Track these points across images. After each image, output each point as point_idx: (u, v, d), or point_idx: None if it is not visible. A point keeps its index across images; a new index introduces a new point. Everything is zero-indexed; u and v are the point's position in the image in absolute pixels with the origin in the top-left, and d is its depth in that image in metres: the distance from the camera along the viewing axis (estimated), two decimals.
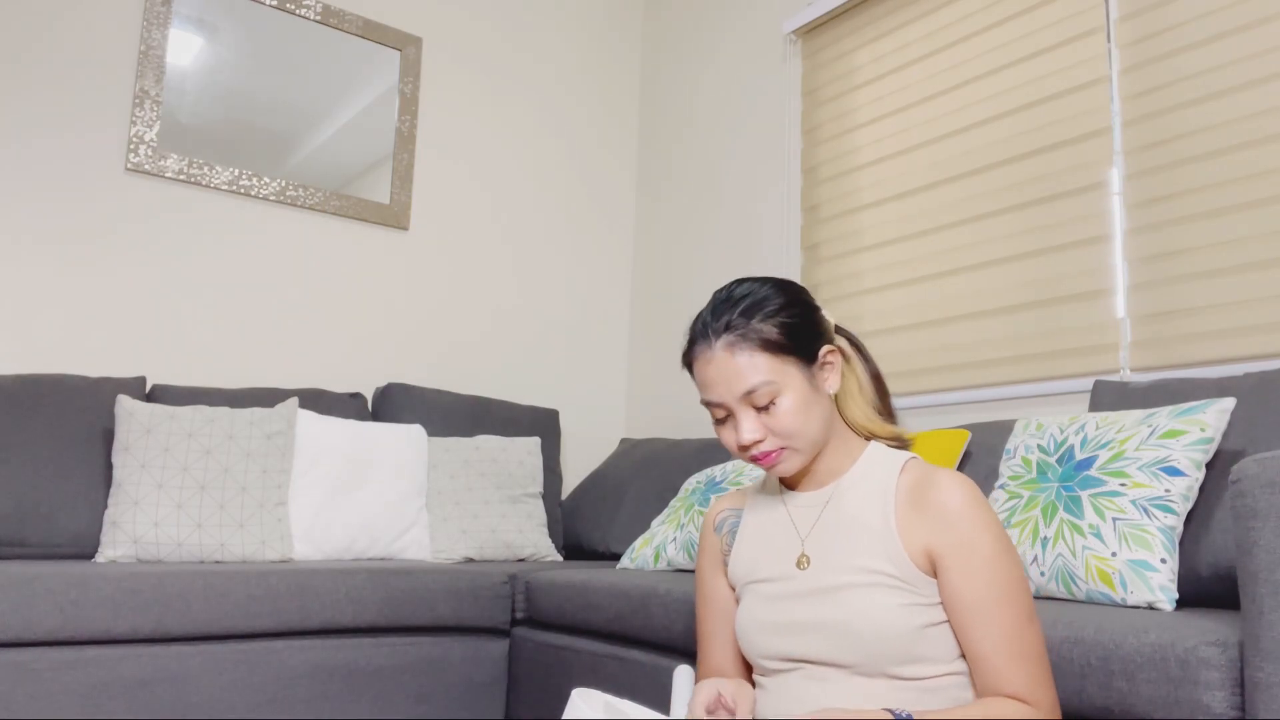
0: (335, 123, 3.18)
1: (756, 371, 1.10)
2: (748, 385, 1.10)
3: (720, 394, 1.12)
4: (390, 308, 3.24)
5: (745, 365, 1.10)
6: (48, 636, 1.80)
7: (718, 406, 1.13)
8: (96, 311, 2.72)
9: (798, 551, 1.17)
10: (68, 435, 2.40)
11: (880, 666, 1.07)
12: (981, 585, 1.05)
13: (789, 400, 1.10)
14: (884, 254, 2.79)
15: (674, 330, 3.57)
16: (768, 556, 1.20)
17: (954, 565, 1.07)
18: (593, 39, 3.85)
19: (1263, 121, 2.03)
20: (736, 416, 1.12)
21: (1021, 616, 1.06)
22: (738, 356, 1.10)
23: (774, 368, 1.10)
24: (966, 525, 1.07)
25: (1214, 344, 2.06)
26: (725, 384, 1.11)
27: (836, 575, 1.11)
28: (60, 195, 2.70)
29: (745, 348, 1.10)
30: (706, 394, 1.14)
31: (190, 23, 2.94)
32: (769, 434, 1.11)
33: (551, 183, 3.67)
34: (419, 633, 2.21)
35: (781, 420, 1.10)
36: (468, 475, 2.84)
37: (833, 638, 1.09)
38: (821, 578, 1.12)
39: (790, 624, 1.13)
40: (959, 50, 2.67)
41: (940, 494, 1.09)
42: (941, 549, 1.08)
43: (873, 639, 1.06)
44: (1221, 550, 1.56)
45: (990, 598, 1.05)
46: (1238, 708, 1.12)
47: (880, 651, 1.06)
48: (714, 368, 1.11)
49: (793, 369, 1.11)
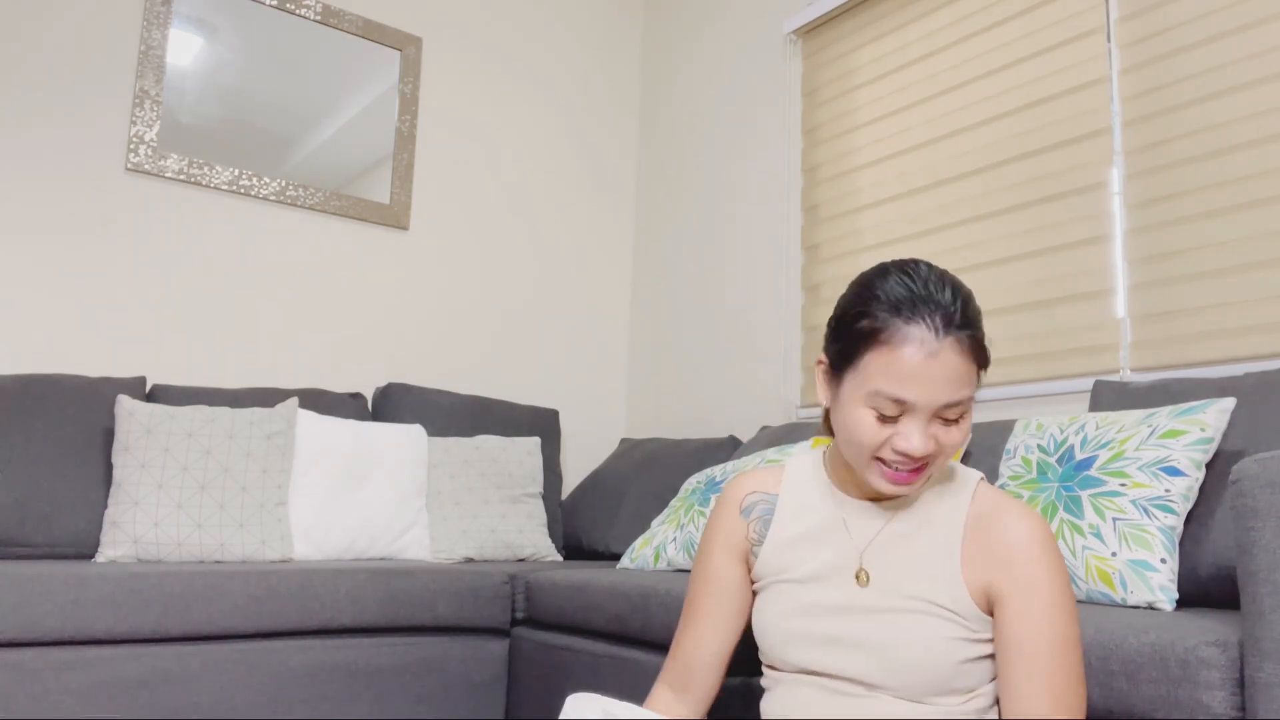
0: (335, 123, 3.18)
1: (969, 384, 0.98)
2: (959, 396, 0.97)
3: (926, 394, 0.96)
4: (390, 308, 3.24)
5: (966, 374, 0.98)
6: (48, 636, 1.80)
7: (902, 404, 0.98)
8: (96, 311, 2.72)
9: (855, 565, 1.09)
10: (68, 435, 2.40)
11: (911, 693, 1.03)
12: (1037, 631, 1.00)
13: (968, 419, 1.00)
14: (884, 254, 2.79)
15: (674, 330, 3.57)
16: (814, 560, 1.11)
17: (1012, 606, 1.01)
18: (593, 39, 3.85)
19: (1263, 121, 2.03)
20: (913, 422, 0.99)
21: (1073, 671, 1.01)
22: (962, 362, 0.97)
23: (973, 383, 1.00)
24: (1031, 567, 1.02)
25: (1214, 344, 2.06)
26: (936, 386, 0.96)
27: (892, 598, 1.06)
28: (60, 195, 2.70)
29: (968, 354, 0.98)
30: (898, 388, 0.97)
31: (190, 23, 2.94)
32: (938, 449, 1.00)
33: (551, 182, 3.67)
34: (419, 633, 2.21)
35: (955, 437, 0.99)
36: (468, 475, 2.84)
37: (872, 659, 1.04)
38: (878, 599, 1.06)
39: (830, 638, 1.07)
40: (959, 50, 2.67)
41: (1008, 532, 1.03)
42: (1002, 588, 1.02)
43: (916, 667, 1.02)
44: (1221, 550, 1.56)
45: (1044, 646, 1.00)
46: (1238, 708, 1.12)
47: (919, 680, 1.02)
48: (939, 365, 0.96)
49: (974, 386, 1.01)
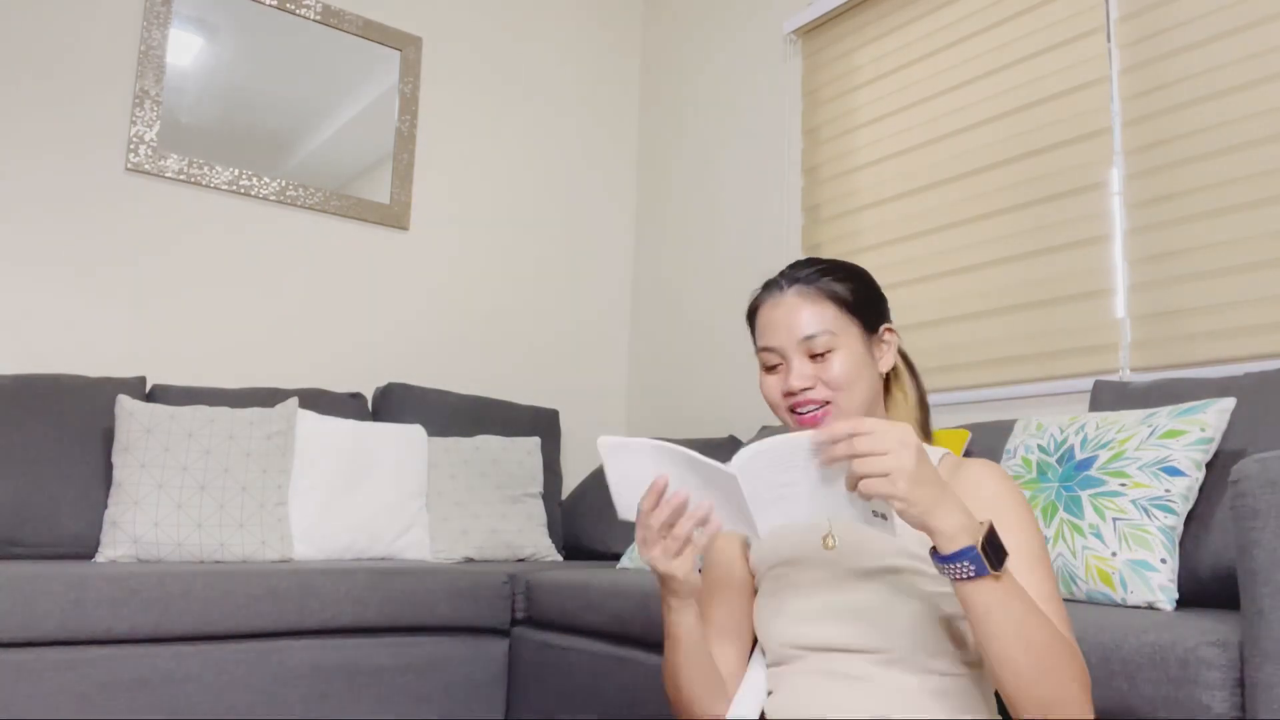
0: (335, 123, 3.18)
1: (822, 320, 1.13)
2: (810, 329, 1.13)
3: (780, 338, 1.15)
4: (390, 308, 3.24)
5: (813, 311, 1.14)
6: (48, 636, 1.80)
7: (772, 352, 1.16)
8: (96, 311, 2.72)
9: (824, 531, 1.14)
10: (68, 435, 2.40)
11: (907, 657, 1.04)
12: (1012, 545, 1.02)
13: (844, 355, 1.13)
14: (885, 254, 2.79)
15: (674, 330, 3.57)
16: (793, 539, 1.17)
17: None
18: (593, 39, 3.85)
19: (1263, 121, 2.03)
20: (789, 363, 1.14)
21: (1054, 581, 1.04)
22: (806, 302, 1.14)
23: (838, 322, 1.14)
24: (992, 491, 1.07)
25: (1214, 344, 2.06)
26: (788, 328, 1.14)
27: (871, 559, 1.09)
28: (60, 195, 2.69)
29: (815, 296, 1.15)
30: (765, 339, 1.16)
31: (190, 23, 2.94)
32: (819, 383, 1.13)
33: (551, 182, 3.67)
34: (419, 633, 2.21)
35: (833, 371, 1.12)
36: (468, 475, 2.84)
37: (860, 625, 1.07)
38: (854, 560, 1.10)
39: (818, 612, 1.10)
40: (959, 50, 2.67)
41: (969, 471, 1.10)
42: None
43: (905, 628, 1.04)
44: (1221, 550, 1.56)
45: (1023, 556, 1.03)
46: (1238, 708, 1.12)
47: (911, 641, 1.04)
48: (781, 311, 1.15)
49: (854, 329, 1.15)
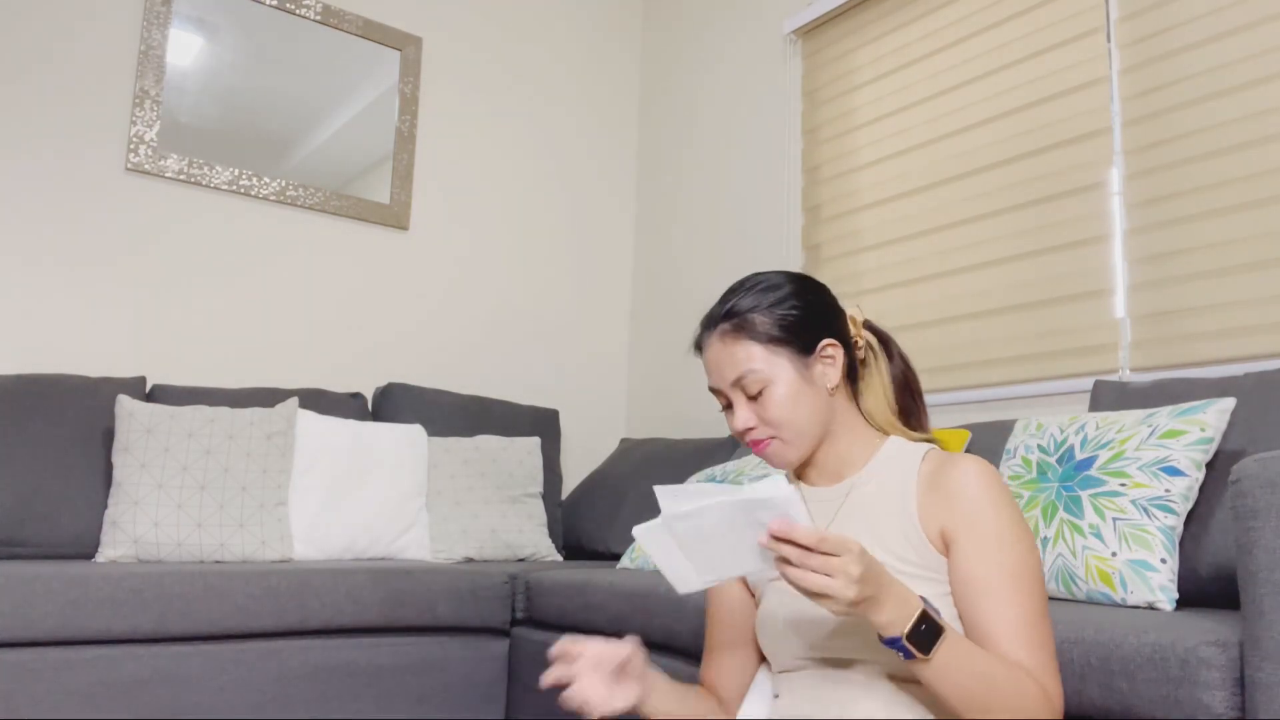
0: (335, 123, 3.18)
1: (748, 360, 1.15)
2: (737, 373, 1.15)
3: (716, 380, 1.18)
4: (390, 308, 3.24)
5: (737, 354, 1.15)
6: (48, 636, 1.80)
7: (718, 393, 1.19)
8: (96, 311, 2.72)
9: None
10: (68, 435, 2.40)
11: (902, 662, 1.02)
12: (993, 564, 1.02)
13: (777, 391, 1.14)
14: (885, 254, 2.79)
15: (674, 330, 3.57)
16: None
17: (964, 540, 1.04)
18: (593, 39, 3.85)
19: (1263, 121, 2.03)
20: (733, 403, 1.17)
21: (1035, 605, 1.02)
22: (731, 345, 1.16)
23: (765, 358, 1.14)
24: (976, 500, 1.05)
25: (1214, 344, 2.06)
26: (719, 371, 1.17)
27: None
28: (60, 195, 2.69)
29: (739, 337, 1.16)
30: (709, 380, 1.20)
31: (190, 23, 2.94)
32: (760, 422, 1.15)
33: (551, 182, 3.67)
34: (419, 633, 2.21)
35: (769, 410, 1.14)
36: (468, 475, 2.84)
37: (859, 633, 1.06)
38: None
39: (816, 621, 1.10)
40: (959, 50, 2.67)
41: (955, 471, 1.08)
42: (952, 525, 1.06)
43: None
44: (1221, 550, 1.56)
45: (1001, 578, 1.01)
46: (1238, 708, 1.12)
47: None
48: (711, 354, 1.18)
49: (784, 360, 1.15)
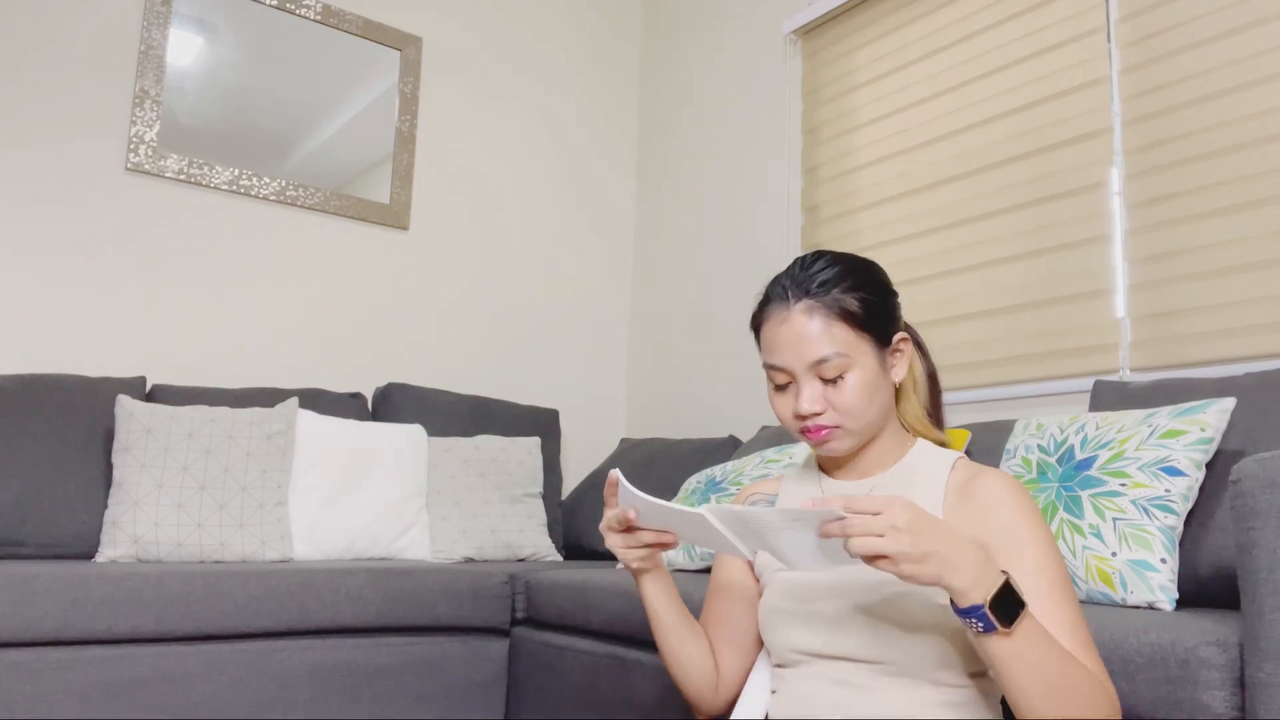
0: (335, 123, 3.18)
1: (833, 341, 1.06)
2: (821, 353, 1.05)
3: (789, 359, 1.07)
4: (390, 308, 3.24)
5: (822, 332, 1.06)
6: (48, 636, 1.80)
7: (782, 372, 1.09)
8: (96, 311, 2.72)
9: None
10: (68, 435, 2.40)
11: (914, 668, 1.01)
12: (1032, 570, 0.99)
13: (857, 378, 1.06)
14: (885, 254, 2.79)
15: (674, 330, 3.57)
16: None
17: (1004, 550, 1.01)
18: (592, 39, 3.85)
19: (1263, 121, 2.03)
20: (799, 384, 1.07)
21: (1078, 610, 1.00)
22: (816, 322, 1.06)
23: (850, 341, 1.06)
24: (1015, 511, 1.03)
25: (1214, 344, 2.06)
26: (797, 349, 1.06)
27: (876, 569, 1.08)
28: (60, 195, 2.69)
29: (825, 314, 1.06)
30: (773, 357, 1.09)
31: (190, 23, 2.94)
32: (830, 408, 1.07)
33: (551, 182, 3.67)
34: (419, 633, 2.21)
35: (846, 397, 1.06)
36: (468, 475, 2.84)
37: (866, 634, 1.04)
38: (866, 570, 1.04)
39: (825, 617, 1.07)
40: (959, 50, 2.67)
41: (984, 484, 1.06)
42: (987, 536, 1.03)
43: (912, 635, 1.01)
44: (1221, 550, 1.56)
45: (1048, 585, 0.99)
46: (1238, 708, 1.12)
47: (919, 653, 1.01)
48: (788, 329, 1.07)
49: (867, 347, 1.07)
